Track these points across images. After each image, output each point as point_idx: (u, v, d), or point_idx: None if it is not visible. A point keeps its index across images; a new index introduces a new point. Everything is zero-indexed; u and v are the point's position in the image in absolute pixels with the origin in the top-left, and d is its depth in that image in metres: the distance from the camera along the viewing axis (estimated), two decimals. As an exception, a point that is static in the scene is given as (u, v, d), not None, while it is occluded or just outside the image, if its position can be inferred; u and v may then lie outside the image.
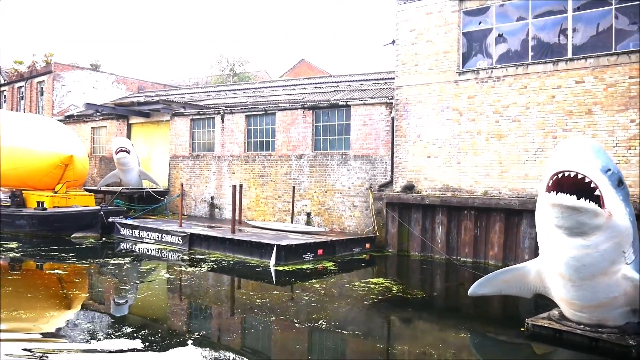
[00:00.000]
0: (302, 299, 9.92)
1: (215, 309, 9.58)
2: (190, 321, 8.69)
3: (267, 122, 20.77)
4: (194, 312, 9.34)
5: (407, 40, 16.79)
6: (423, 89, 16.40)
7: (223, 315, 9.21)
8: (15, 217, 19.55)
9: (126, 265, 13.02)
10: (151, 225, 18.01)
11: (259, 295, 10.28)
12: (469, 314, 9.64)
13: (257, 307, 9.27)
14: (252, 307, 9.31)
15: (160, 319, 8.72)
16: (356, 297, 10.25)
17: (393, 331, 8.73)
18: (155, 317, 8.82)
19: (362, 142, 18.02)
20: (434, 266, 14.70)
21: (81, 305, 9.36)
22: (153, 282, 11.42)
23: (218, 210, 21.92)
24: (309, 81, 26.07)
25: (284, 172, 19.89)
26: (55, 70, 31.32)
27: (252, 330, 8.06)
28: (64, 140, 21.11)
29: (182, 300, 10.13)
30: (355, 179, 18.10)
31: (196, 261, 13.93)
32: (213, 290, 11.13)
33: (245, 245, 15.03)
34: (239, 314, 9.16)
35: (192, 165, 23.01)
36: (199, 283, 11.47)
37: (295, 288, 11.05)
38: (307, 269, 13.33)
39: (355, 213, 18.07)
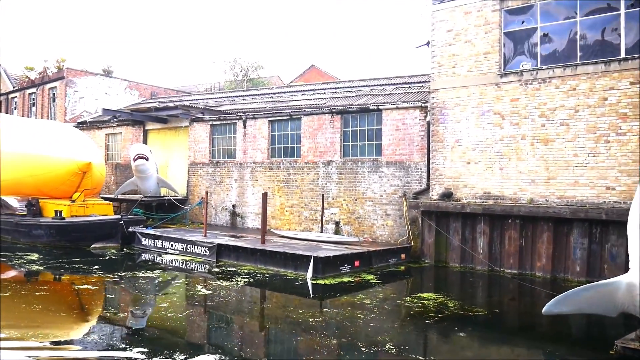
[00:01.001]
0: (358, 318, 9.12)
1: (269, 331, 8.74)
2: (245, 346, 7.87)
3: (292, 128, 20.04)
4: (247, 335, 8.45)
5: (443, 42, 16.07)
6: (461, 92, 15.66)
7: (281, 339, 8.32)
8: (32, 226, 18.82)
9: (158, 279, 12.25)
10: (175, 235, 17.24)
11: (309, 313, 9.48)
12: (544, 333, 8.82)
13: (312, 328, 8.47)
14: (306, 328, 8.51)
15: (215, 343, 7.89)
16: (414, 315, 9.45)
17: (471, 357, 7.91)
18: (206, 341, 8.02)
19: (395, 147, 17.26)
20: (481, 278, 13.89)
21: (124, 327, 8.52)
22: (192, 298, 10.57)
23: (240, 219, 21.15)
24: (328, 86, 25.38)
25: (311, 179, 19.14)
26: (68, 76, 30.69)
27: (317, 357, 7.25)
28: (82, 146, 20.43)
29: (229, 320, 9.23)
30: (387, 187, 17.33)
31: (229, 274, 13.14)
32: (257, 307, 10.28)
33: (278, 257, 14.25)
34: (297, 336, 8.28)
35: (212, 173, 22.27)
36: (240, 299, 10.65)
37: (344, 305, 10.24)
38: (347, 283, 12.54)
39: (387, 222, 17.29)
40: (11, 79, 39.71)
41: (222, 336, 8.29)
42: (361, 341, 7.82)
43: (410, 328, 8.75)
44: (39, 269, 13.54)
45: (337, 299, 11.01)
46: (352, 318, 9.14)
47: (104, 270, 13.40)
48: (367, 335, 8.14)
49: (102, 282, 11.93)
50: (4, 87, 38.91)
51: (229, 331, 8.56)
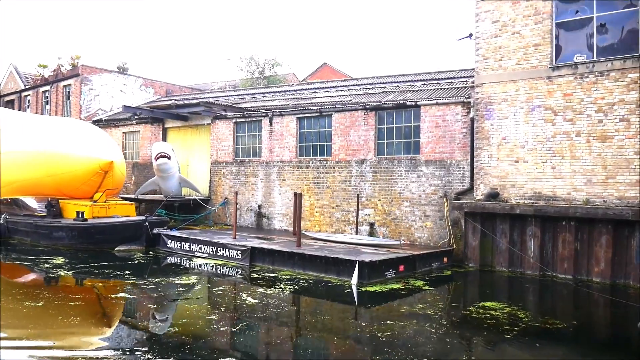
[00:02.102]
0: (429, 332, 8.28)
1: (340, 347, 7.85)
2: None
3: (321, 125, 19.21)
4: (319, 353, 7.57)
5: (489, 33, 15.20)
6: (509, 87, 14.79)
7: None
8: (53, 228, 18.07)
9: (196, 287, 11.45)
10: (203, 238, 16.43)
11: (374, 326, 8.62)
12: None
13: (385, 345, 7.60)
14: (379, 346, 7.65)
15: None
16: (489, 328, 8.60)
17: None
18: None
19: (435, 145, 16.41)
20: (536, 284, 13.02)
21: (182, 347, 7.63)
22: (241, 309, 9.55)
23: (266, 220, 20.34)
24: (351, 82, 24.52)
25: (343, 178, 18.30)
26: (83, 73, 29.95)
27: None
28: (103, 145, 19.65)
29: (292, 337, 8.28)
30: (427, 186, 16.48)
31: (270, 280, 12.31)
32: (315, 320, 9.27)
33: (318, 262, 13.42)
34: (373, 355, 7.39)
35: (237, 172, 21.46)
36: (292, 310, 9.79)
37: (407, 316, 9.38)
38: (399, 290, 11.70)
39: (427, 223, 16.44)
40: (22, 77, 39.05)
41: (291, 356, 7.43)
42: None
43: (492, 344, 7.89)
44: (68, 274, 12.75)
45: (396, 309, 10.15)
46: (422, 332, 8.30)
47: (137, 276, 12.61)
48: (450, 353, 7.30)
49: (139, 289, 11.11)
50: (16, 86, 38.26)
51: (298, 350, 7.67)
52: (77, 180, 18.95)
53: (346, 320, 9.30)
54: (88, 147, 19.08)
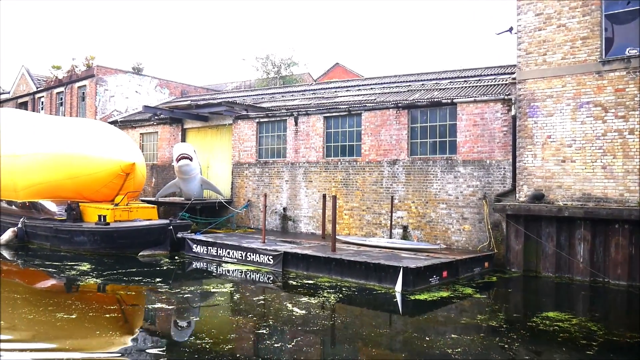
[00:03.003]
0: (502, 348, 7.55)
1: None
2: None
3: (350, 124, 18.51)
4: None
5: (532, 26, 14.47)
6: (554, 82, 14.05)
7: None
8: (73, 232, 17.45)
9: (235, 295, 10.76)
10: (231, 242, 15.77)
11: (441, 341, 7.89)
12: None
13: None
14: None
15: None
16: (566, 344, 7.83)
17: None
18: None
19: (472, 145, 15.68)
20: (591, 291, 12.26)
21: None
22: (290, 321, 8.64)
23: (292, 223, 19.66)
24: (373, 81, 23.82)
25: (374, 180, 17.60)
26: (98, 74, 29.42)
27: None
28: (124, 146, 19.03)
29: (358, 355, 7.56)
30: (464, 187, 15.75)
31: (310, 288, 11.61)
32: (376, 334, 8.25)
33: (358, 268, 12.72)
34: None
35: (260, 173, 20.81)
36: (346, 322, 9.00)
37: (471, 329, 8.58)
38: (449, 298, 10.98)
39: (465, 226, 15.70)
40: (35, 79, 38.63)
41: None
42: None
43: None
44: (97, 281, 12.08)
45: (455, 320, 9.39)
46: (494, 348, 7.57)
47: (169, 284, 11.97)
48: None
49: (176, 299, 10.41)
50: (28, 88, 37.83)
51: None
52: (97, 182, 18.36)
53: (407, 334, 8.54)
54: (109, 149, 18.48)
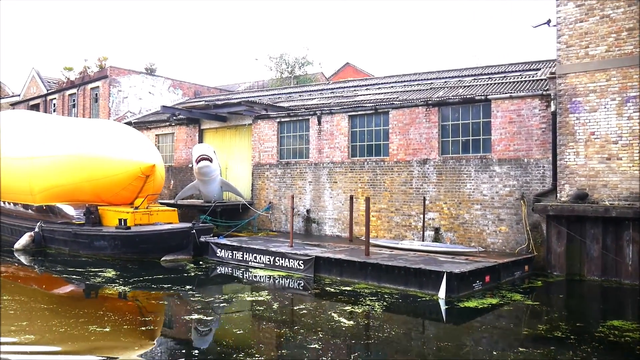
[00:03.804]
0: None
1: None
2: None
3: (376, 123, 17.89)
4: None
5: (572, 18, 13.82)
6: (598, 76, 13.39)
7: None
8: (93, 237, 16.93)
9: (273, 304, 10.13)
10: (257, 247, 15.18)
11: (511, 357, 7.27)
12: None
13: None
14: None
15: None
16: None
17: None
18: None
19: (508, 143, 15.03)
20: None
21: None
22: (342, 334, 7.94)
23: (316, 225, 19.06)
24: (392, 80, 23.24)
25: (403, 180, 16.97)
26: (111, 75, 28.94)
27: None
28: (143, 147, 18.51)
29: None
30: (500, 187, 15.10)
31: (350, 295, 10.99)
32: (439, 348, 7.72)
33: (396, 273, 12.10)
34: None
35: (282, 174, 20.21)
36: (403, 335, 8.32)
37: (539, 341, 7.87)
38: (499, 305, 10.34)
39: (501, 228, 15.05)
40: (45, 81, 38.28)
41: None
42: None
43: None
44: (125, 289, 11.50)
45: (515, 331, 8.70)
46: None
47: (200, 292, 11.39)
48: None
49: (212, 309, 9.79)
50: (38, 91, 37.48)
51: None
52: (117, 185, 17.85)
53: (470, 348, 7.89)
54: (128, 150, 17.97)
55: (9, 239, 20.24)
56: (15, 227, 20.18)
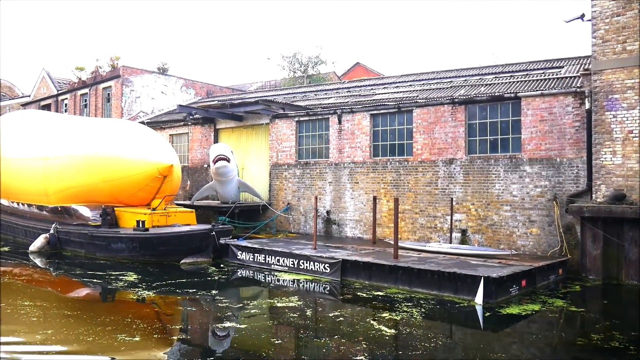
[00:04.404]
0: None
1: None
2: None
3: (399, 122, 17.42)
4: None
5: (609, 12, 13.30)
6: (636, 72, 12.87)
7: None
8: (110, 239, 16.54)
9: (305, 311, 9.69)
10: (280, 249, 14.75)
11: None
12: None
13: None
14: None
15: None
16: None
17: None
18: None
19: (539, 142, 14.52)
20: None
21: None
22: (384, 343, 7.47)
23: (336, 227, 18.60)
24: (410, 78, 22.73)
25: (428, 180, 16.49)
26: (124, 74, 28.62)
27: None
28: (160, 147, 18.11)
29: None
30: (531, 188, 14.60)
31: (385, 301, 10.52)
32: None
33: (429, 277, 11.63)
34: None
35: (301, 175, 19.77)
36: (452, 345, 7.86)
37: (602, 352, 7.45)
38: (543, 312, 9.84)
39: (532, 230, 14.54)
40: (55, 82, 38.09)
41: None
42: None
43: None
44: (149, 294, 11.09)
45: (570, 340, 8.22)
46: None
47: (227, 297, 10.96)
48: None
49: (244, 316, 9.34)
50: (49, 91, 37.30)
51: None
52: (133, 186, 17.46)
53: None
54: (145, 150, 17.57)
55: (23, 241, 19.94)
56: (30, 228, 19.86)
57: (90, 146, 17.78)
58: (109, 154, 17.41)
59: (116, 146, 17.58)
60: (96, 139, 18.01)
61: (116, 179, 17.36)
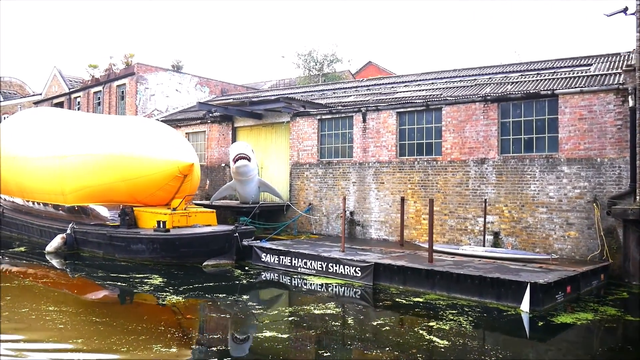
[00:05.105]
0: None
1: None
2: None
3: (427, 120, 16.86)
4: None
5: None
6: (685, 68, 12.24)
7: None
8: (130, 240, 16.06)
9: (349, 319, 9.17)
10: (307, 251, 14.23)
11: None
12: None
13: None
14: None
15: None
16: None
17: None
18: None
19: (578, 141, 13.92)
20: None
21: None
22: (444, 357, 7.04)
23: (360, 229, 18.06)
24: (431, 77, 22.16)
25: (458, 181, 15.92)
26: (139, 72, 28.20)
27: None
28: (180, 145, 17.65)
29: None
30: (569, 189, 14.00)
31: (426, 308, 9.98)
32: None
33: (469, 282, 11.08)
34: None
35: (323, 174, 19.24)
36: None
37: None
38: (599, 321, 9.26)
39: (570, 233, 13.94)
40: (66, 80, 37.72)
41: None
42: None
43: None
44: (179, 299, 10.58)
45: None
46: None
47: (260, 303, 10.48)
48: None
49: (282, 325, 8.83)
50: (60, 89, 36.93)
51: None
52: (153, 185, 17.01)
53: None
54: (164, 148, 17.11)
55: (38, 241, 19.55)
56: (45, 228, 19.45)
57: (108, 144, 17.33)
58: (128, 153, 16.95)
59: (135, 144, 17.12)
60: (115, 136, 17.56)
61: (135, 178, 16.90)
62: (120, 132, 17.76)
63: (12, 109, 40.60)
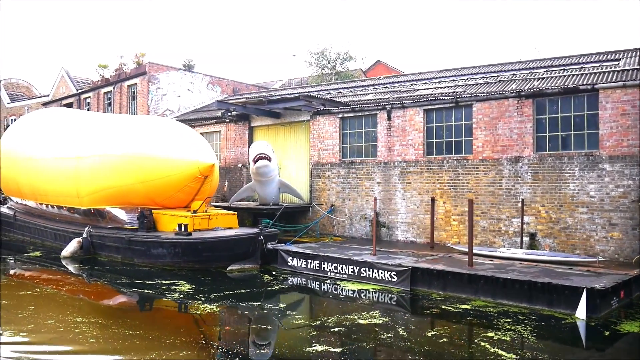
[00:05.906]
0: None
1: None
2: None
3: (457, 117, 16.24)
4: None
5: None
6: None
7: None
8: (150, 244, 15.51)
9: (399, 330, 8.54)
10: (337, 255, 13.62)
11: None
12: None
13: None
14: None
15: None
16: None
17: None
18: None
19: (621, 137, 13.28)
20: None
21: None
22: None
23: (386, 230, 17.45)
24: (451, 73, 21.55)
25: (490, 180, 15.30)
26: (150, 71, 27.62)
27: None
28: (199, 146, 17.07)
29: None
30: (611, 188, 13.36)
31: (478, 316, 9.38)
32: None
33: (517, 287, 10.47)
34: None
35: (345, 174, 18.63)
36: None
37: None
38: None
39: (613, 234, 13.31)
40: (74, 81, 37.22)
41: None
42: None
43: None
44: (213, 308, 9.98)
45: None
46: None
47: (298, 311, 9.91)
48: None
49: (335, 339, 8.13)
50: (68, 90, 36.41)
51: None
52: (172, 187, 16.43)
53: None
54: (184, 149, 16.54)
55: (52, 245, 19.03)
56: (60, 232, 18.92)
57: (125, 144, 16.77)
58: (146, 153, 16.39)
59: (153, 144, 16.56)
60: (131, 136, 17.00)
61: (154, 180, 16.34)
62: (137, 132, 17.20)
63: (19, 111, 40.13)
